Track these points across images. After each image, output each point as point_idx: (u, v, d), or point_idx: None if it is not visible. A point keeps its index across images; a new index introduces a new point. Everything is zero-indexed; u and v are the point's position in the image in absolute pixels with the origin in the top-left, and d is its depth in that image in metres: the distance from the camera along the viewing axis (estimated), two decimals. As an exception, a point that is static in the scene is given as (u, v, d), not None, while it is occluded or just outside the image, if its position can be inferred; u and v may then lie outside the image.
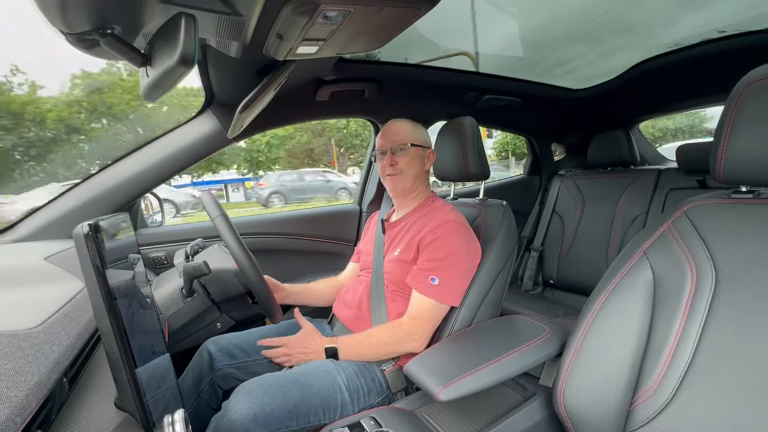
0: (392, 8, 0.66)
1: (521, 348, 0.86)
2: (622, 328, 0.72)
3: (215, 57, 0.99)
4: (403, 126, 1.14)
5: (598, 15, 1.49)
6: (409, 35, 0.82)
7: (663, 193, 1.78)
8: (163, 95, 0.65)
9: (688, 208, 0.74)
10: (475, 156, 1.19)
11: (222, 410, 0.85)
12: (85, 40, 0.59)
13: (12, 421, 0.38)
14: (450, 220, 1.03)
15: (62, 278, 0.83)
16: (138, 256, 0.86)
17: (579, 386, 0.75)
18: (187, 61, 0.51)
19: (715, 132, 0.70)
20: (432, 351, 0.93)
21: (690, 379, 0.65)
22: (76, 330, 0.62)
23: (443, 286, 0.98)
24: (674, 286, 0.70)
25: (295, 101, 1.46)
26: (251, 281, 1.02)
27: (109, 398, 0.57)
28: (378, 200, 1.81)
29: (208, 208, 1.04)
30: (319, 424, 0.88)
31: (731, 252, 0.66)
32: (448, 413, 0.89)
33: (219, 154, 4.65)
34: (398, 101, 1.68)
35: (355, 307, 1.13)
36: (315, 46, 0.78)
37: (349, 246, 1.82)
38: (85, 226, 0.48)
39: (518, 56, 1.79)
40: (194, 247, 1.25)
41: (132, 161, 1.30)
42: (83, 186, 1.25)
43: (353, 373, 0.97)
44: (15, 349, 0.47)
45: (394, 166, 1.11)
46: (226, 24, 0.73)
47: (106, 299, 0.47)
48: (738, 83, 0.68)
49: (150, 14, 0.62)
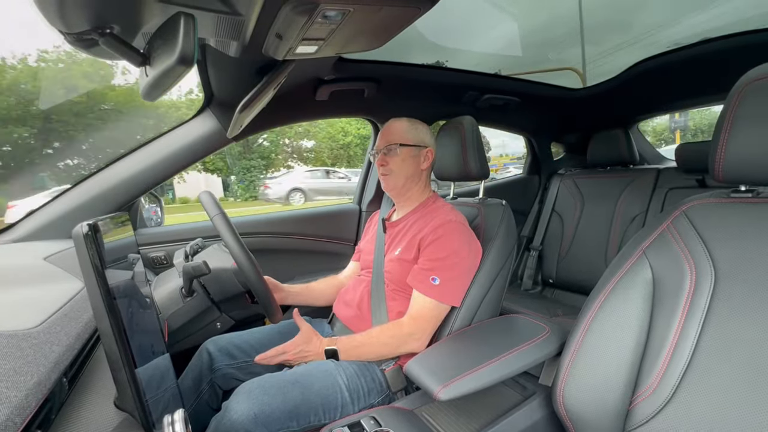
0: (391, 7, 0.66)
1: (521, 347, 0.87)
2: (621, 327, 0.72)
3: (214, 56, 0.99)
4: (397, 126, 1.14)
5: (599, 15, 1.50)
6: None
7: (662, 192, 1.78)
8: (162, 95, 0.65)
9: (688, 207, 0.74)
10: (475, 155, 1.19)
11: (222, 410, 0.85)
12: (83, 40, 0.59)
13: (11, 421, 0.38)
14: (451, 219, 1.03)
15: (62, 278, 0.83)
16: (137, 256, 0.86)
17: (578, 385, 0.75)
18: (186, 60, 0.51)
19: (714, 131, 0.70)
20: (432, 350, 0.93)
21: (689, 377, 0.66)
22: (76, 330, 0.62)
23: (444, 286, 0.98)
24: (673, 285, 0.70)
25: (295, 101, 1.46)
26: (251, 281, 1.02)
27: (109, 398, 0.57)
28: (378, 200, 1.81)
29: (207, 207, 1.04)
30: (320, 424, 0.88)
31: (730, 251, 0.66)
32: (448, 412, 0.89)
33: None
34: (398, 101, 1.68)
35: (356, 306, 1.13)
36: (314, 45, 0.78)
37: (349, 246, 1.82)
38: (84, 226, 0.48)
39: (518, 56, 1.80)
40: (194, 246, 1.25)
41: (131, 161, 1.30)
42: (82, 186, 1.25)
43: (353, 372, 0.97)
44: (14, 349, 0.47)
45: (385, 166, 1.12)
46: (225, 23, 0.73)
47: (105, 299, 0.47)
48: (737, 82, 0.68)
49: (149, 14, 0.62)
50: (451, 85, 1.71)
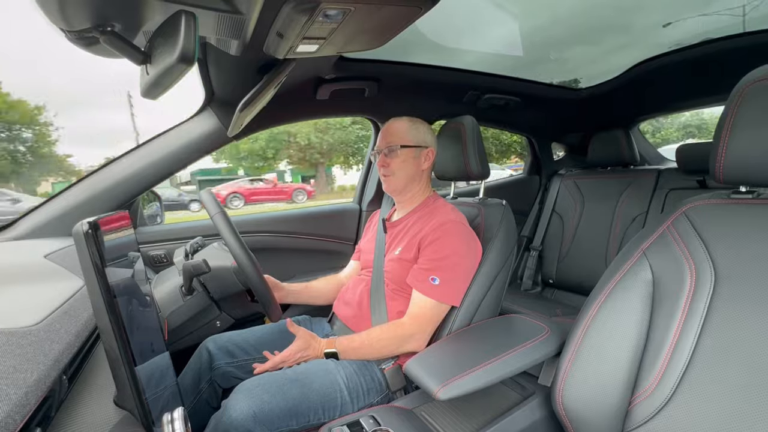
0: (392, 6, 0.66)
1: (520, 347, 0.87)
2: (621, 327, 0.72)
3: (215, 55, 0.99)
4: (398, 126, 1.14)
5: (600, 15, 1.50)
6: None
7: (663, 193, 1.78)
8: (163, 93, 0.65)
9: (688, 208, 0.74)
10: (476, 155, 1.19)
11: (221, 409, 0.85)
12: (85, 38, 0.59)
13: (11, 418, 0.38)
14: (451, 219, 1.03)
15: (62, 276, 0.83)
16: (137, 254, 0.86)
17: (578, 385, 0.75)
18: (187, 59, 0.51)
19: (715, 132, 0.70)
20: (431, 350, 0.93)
21: (688, 378, 0.66)
22: (76, 328, 0.62)
23: (444, 286, 0.98)
24: (673, 286, 0.70)
25: (295, 100, 1.46)
26: (251, 279, 1.02)
27: (109, 396, 0.57)
28: (378, 199, 1.81)
29: (208, 206, 1.04)
30: (319, 423, 0.88)
31: (731, 252, 0.66)
32: (447, 412, 0.89)
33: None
34: (398, 100, 1.68)
35: (356, 305, 1.13)
36: (315, 44, 0.78)
37: (349, 245, 1.82)
38: (84, 224, 0.48)
39: (518, 55, 1.79)
40: (194, 245, 1.25)
41: (131, 159, 1.30)
42: (83, 184, 1.25)
43: (353, 372, 0.97)
44: (14, 347, 0.47)
45: (386, 167, 1.12)
46: (226, 22, 0.73)
47: (105, 297, 0.47)
48: (738, 84, 0.68)
49: (150, 12, 0.62)
50: (451, 84, 1.71)
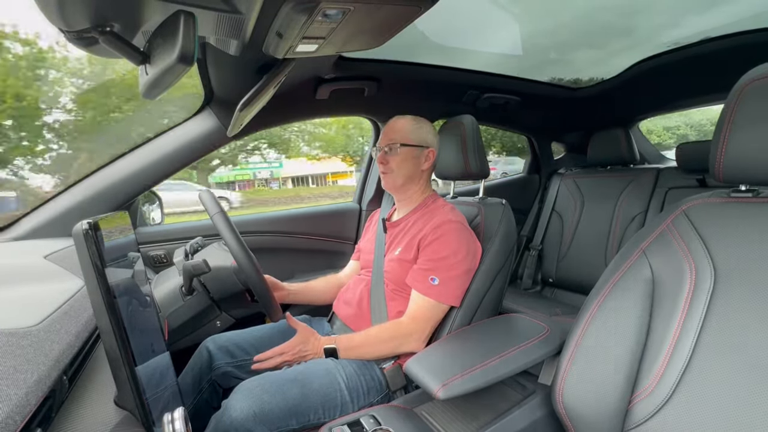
0: (392, 6, 0.66)
1: (520, 346, 0.87)
2: (620, 326, 0.72)
3: (214, 55, 0.99)
4: (401, 124, 1.14)
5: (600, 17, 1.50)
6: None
7: (662, 192, 1.78)
8: (162, 93, 0.65)
9: (688, 207, 0.74)
10: (475, 154, 1.19)
11: (222, 409, 0.85)
12: (84, 38, 0.59)
13: (11, 419, 0.38)
14: (450, 219, 1.02)
15: (62, 276, 0.83)
16: (137, 254, 0.86)
17: (577, 384, 0.75)
18: (186, 59, 0.51)
19: (715, 131, 0.70)
20: (431, 349, 0.93)
21: (688, 377, 0.66)
22: (76, 328, 0.62)
23: (443, 287, 0.98)
24: (673, 285, 0.70)
25: (295, 99, 1.46)
26: (251, 279, 1.02)
27: (109, 396, 0.57)
28: (378, 199, 1.81)
29: (207, 206, 1.04)
30: (319, 423, 0.88)
31: (730, 251, 0.66)
32: (448, 411, 0.89)
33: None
34: (398, 99, 1.68)
35: (355, 305, 1.13)
36: (314, 44, 0.78)
37: (349, 244, 1.82)
38: (84, 225, 0.48)
39: (518, 55, 1.79)
40: (194, 245, 1.25)
41: (131, 159, 1.30)
42: (82, 184, 1.25)
43: (353, 371, 0.97)
44: (14, 348, 0.47)
45: (386, 164, 1.12)
46: (225, 22, 0.73)
47: (105, 297, 0.47)
48: (737, 82, 0.68)
49: (149, 12, 0.62)
50: (451, 84, 1.71)
